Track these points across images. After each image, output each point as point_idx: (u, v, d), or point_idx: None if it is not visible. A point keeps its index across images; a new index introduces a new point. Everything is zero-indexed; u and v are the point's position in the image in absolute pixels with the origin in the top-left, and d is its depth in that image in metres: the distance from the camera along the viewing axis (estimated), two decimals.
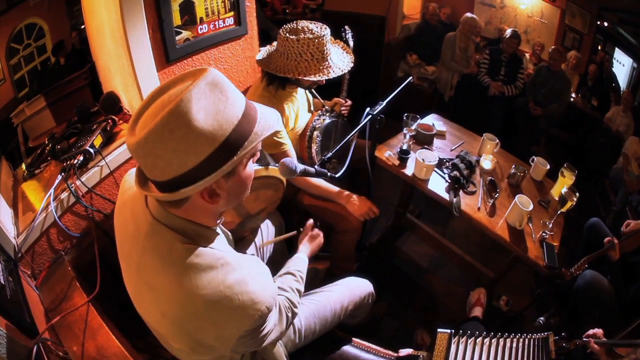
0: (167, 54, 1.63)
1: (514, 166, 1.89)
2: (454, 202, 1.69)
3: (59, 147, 1.50)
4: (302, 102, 1.84)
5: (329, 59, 1.56)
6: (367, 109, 1.56)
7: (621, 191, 2.78)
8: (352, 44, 1.97)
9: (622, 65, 3.29)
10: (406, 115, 1.91)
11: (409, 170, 1.88)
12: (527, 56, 3.73)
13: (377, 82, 3.77)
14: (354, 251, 1.93)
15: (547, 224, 1.69)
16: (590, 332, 1.34)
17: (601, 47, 3.47)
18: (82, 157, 1.45)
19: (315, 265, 1.83)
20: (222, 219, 0.90)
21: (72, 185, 1.40)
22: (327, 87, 1.72)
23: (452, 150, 2.08)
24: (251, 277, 0.79)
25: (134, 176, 0.79)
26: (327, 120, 1.88)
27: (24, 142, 1.59)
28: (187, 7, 1.66)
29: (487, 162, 1.91)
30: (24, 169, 1.56)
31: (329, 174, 1.35)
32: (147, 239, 0.79)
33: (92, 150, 1.48)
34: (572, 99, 3.59)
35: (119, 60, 1.57)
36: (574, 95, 3.62)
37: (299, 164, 1.18)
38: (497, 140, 2.02)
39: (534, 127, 3.43)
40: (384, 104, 1.58)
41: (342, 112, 2.00)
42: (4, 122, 1.48)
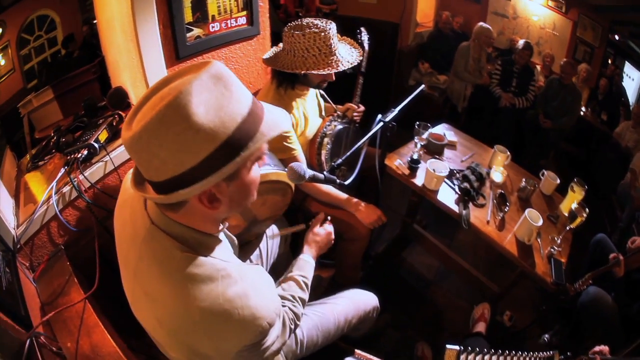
0: (177, 51, 1.62)
1: (524, 180, 1.86)
2: (463, 214, 1.66)
3: (64, 140, 1.49)
4: (312, 105, 1.82)
5: (336, 53, 1.54)
6: (379, 116, 1.54)
7: (628, 207, 2.73)
8: (367, 46, 1.94)
9: (631, 79, 3.26)
10: (418, 123, 1.88)
11: (419, 180, 1.84)
12: (538, 68, 3.70)
13: (389, 90, 3.75)
14: (360, 260, 1.90)
15: (556, 239, 1.66)
16: (596, 348, 1.32)
17: (611, 60, 3.44)
18: (86, 152, 1.43)
19: (319, 273, 1.80)
20: (226, 224, 0.86)
21: (75, 179, 1.37)
22: (340, 91, 1.69)
23: (462, 161, 2.05)
24: (254, 290, 0.74)
25: None
26: (339, 126, 1.84)
27: (30, 133, 1.58)
28: (199, 4, 1.65)
29: (497, 175, 1.88)
30: (28, 160, 1.55)
31: (338, 181, 1.32)
32: (144, 244, 0.75)
33: (96, 145, 1.46)
34: (582, 113, 3.55)
35: (129, 55, 1.56)
36: (583, 109, 3.58)
37: (308, 170, 1.15)
38: (508, 152, 1.99)
39: (544, 140, 3.40)
40: (396, 111, 1.55)
41: (355, 117, 1.96)
42: (11, 112, 1.47)
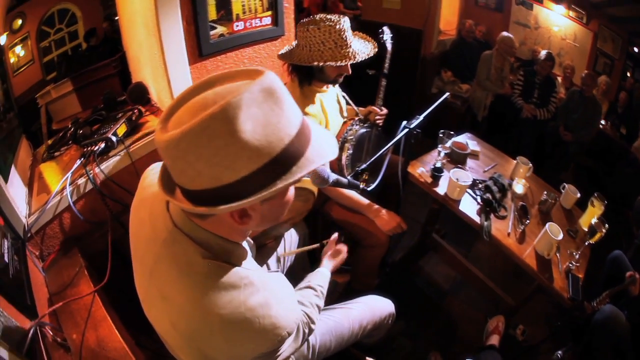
0: (200, 48, 1.61)
1: (545, 192, 1.82)
2: (484, 225, 1.61)
3: (81, 132, 1.48)
4: (333, 105, 1.80)
5: (351, 45, 1.54)
6: (404, 122, 1.51)
7: None
8: (390, 46, 1.91)
9: None
10: (442, 131, 1.85)
11: (441, 189, 1.81)
12: (559, 79, 3.65)
13: (412, 97, 3.73)
14: (377, 267, 1.88)
15: (574, 254, 1.62)
16: None
17: (630, 73, 3.36)
18: (103, 144, 1.43)
19: (335, 277, 1.77)
20: (249, 231, 0.83)
21: (91, 171, 1.37)
22: (362, 94, 1.66)
23: (485, 171, 2.01)
24: (276, 300, 0.71)
25: (157, 172, 0.72)
26: (360, 130, 1.81)
27: (47, 123, 1.59)
28: (224, 2, 1.64)
29: (519, 187, 1.84)
30: (44, 150, 1.55)
31: (361, 187, 1.29)
32: (164, 246, 0.71)
33: (114, 138, 1.46)
34: (601, 126, 3.49)
35: (150, 50, 1.56)
36: (603, 122, 3.52)
37: (332, 174, 1.12)
38: (530, 164, 1.95)
39: (564, 153, 3.34)
40: (422, 118, 1.53)
41: (377, 121, 1.92)
42: (29, 103, 1.48)
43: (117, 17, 1.63)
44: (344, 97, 1.91)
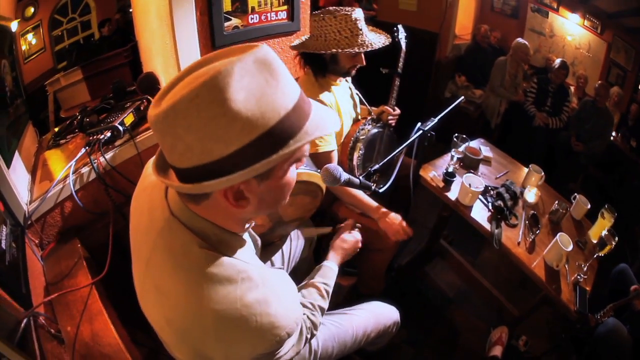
0: (213, 39, 1.59)
1: (557, 202, 1.78)
2: (495, 233, 1.58)
3: (88, 120, 1.46)
4: (347, 100, 1.78)
5: (366, 35, 1.55)
6: (418, 124, 1.49)
7: None
8: (404, 45, 1.89)
9: None
10: (456, 135, 1.82)
11: (453, 194, 1.77)
12: (572, 89, 3.61)
13: (425, 99, 3.71)
14: (384, 272, 1.85)
15: (582, 266, 1.59)
16: None
17: None
18: (109, 133, 1.40)
19: (340, 280, 1.73)
20: (252, 223, 0.80)
21: (95, 160, 1.34)
22: (376, 94, 1.64)
23: (497, 178, 1.97)
24: (275, 297, 0.67)
25: None
26: (372, 130, 1.79)
27: (55, 111, 1.57)
28: None
29: (531, 195, 1.80)
30: (50, 137, 1.53)
31: (373, 188, 1.26)
32: (160, 235, 0.68)
33: (121, 127, 1.43)
34: (612, 138, 3.46)
35: (162, 40, 1.53)
36: (614, 133, 3.49)
37: (344, 173, 1.08)
38: (543, 173, 1.91)
39: (574, 163, 3.31)
40: (436, 120, 1.50)
41: (389, 121, 1.90)
42: (39, 90, 1.47)
43: (131, 10, 1.61)
44: (357, 95, 1.89)
